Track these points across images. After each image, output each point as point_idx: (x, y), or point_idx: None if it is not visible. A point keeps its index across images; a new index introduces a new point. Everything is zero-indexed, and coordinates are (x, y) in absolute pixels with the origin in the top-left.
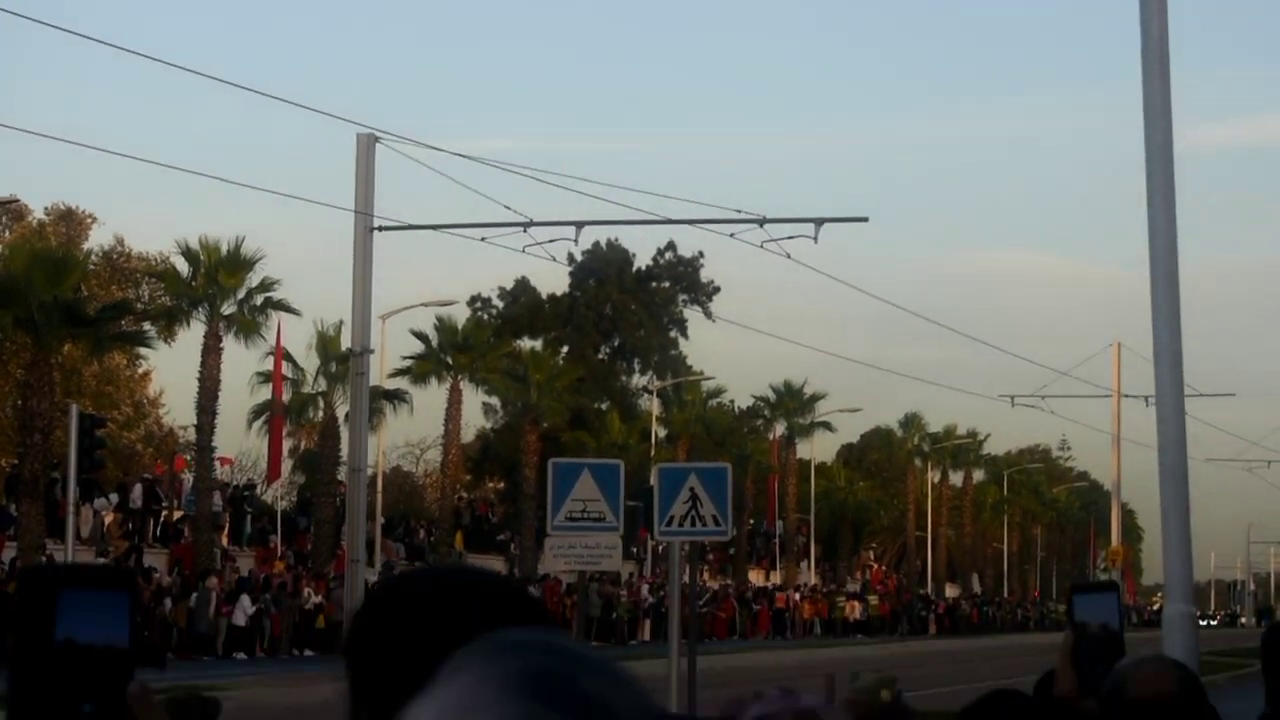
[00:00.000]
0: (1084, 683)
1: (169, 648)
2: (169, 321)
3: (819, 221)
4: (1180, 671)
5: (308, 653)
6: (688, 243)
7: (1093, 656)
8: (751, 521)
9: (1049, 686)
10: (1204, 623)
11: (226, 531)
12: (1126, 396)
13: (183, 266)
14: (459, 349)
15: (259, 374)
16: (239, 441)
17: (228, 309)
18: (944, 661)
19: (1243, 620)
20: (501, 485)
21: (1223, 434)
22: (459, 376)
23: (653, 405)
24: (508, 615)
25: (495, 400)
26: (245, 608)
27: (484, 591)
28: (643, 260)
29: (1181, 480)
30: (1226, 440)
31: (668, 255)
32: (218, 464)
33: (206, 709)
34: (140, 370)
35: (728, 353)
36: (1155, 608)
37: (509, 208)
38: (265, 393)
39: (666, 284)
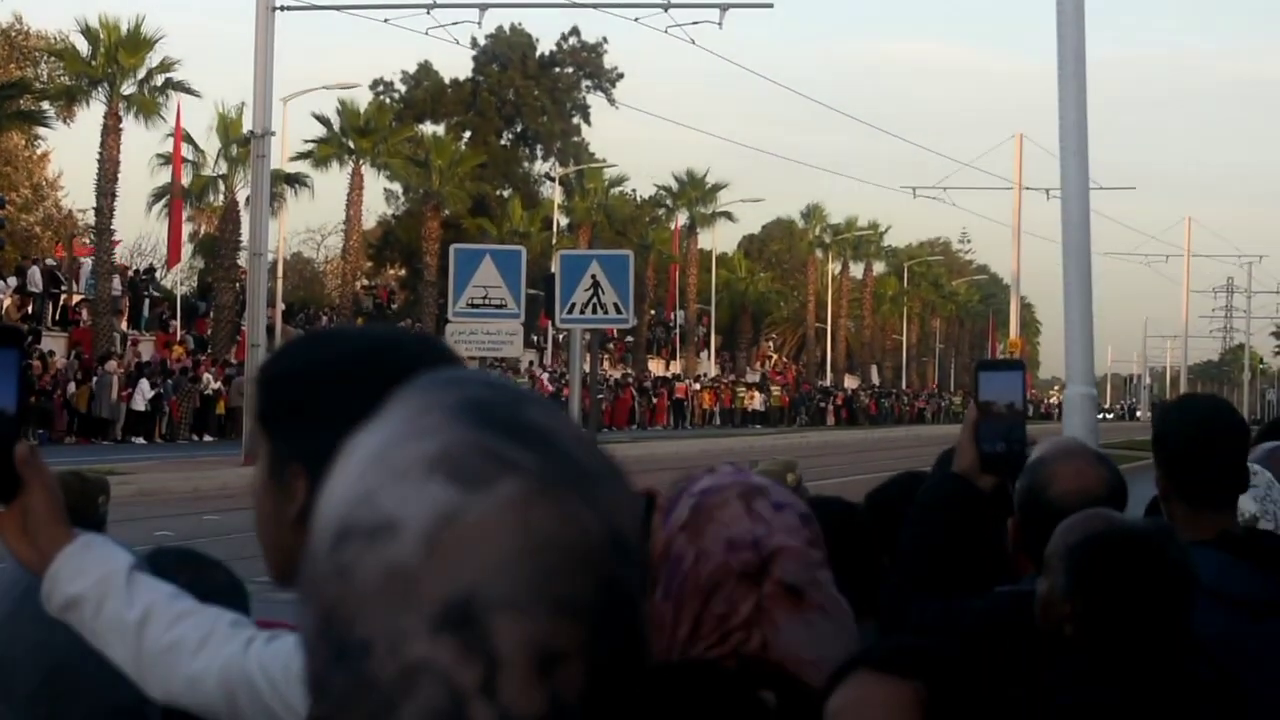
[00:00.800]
0: (984, 459)
1: (70, 431)
2: (68, 101)
3: (724, 7)
4: (1105, 469)
5: (207, 438)
6: (592, 28)
7: (993, 434)
8: (652, 311)
9: (948, 462)
10: (1101, 416)
11: (126, 316)
12: (1028, 189)
13: (82, 45)
14: (361, 133)
15: (159, 156)
16: (139, 225)
17: (128, 89)
18: (842, 451)
19: (1139, 414)
20: (403, 272)
21: (1123, 227)
22: (360, 161)
23: (555, 193)
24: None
25: (397, 186)
26: (144, 392)
27: (409, 343)
28: (546, 45)
29: (1084, 260)
30: (1126, 234)
31: (571, 40)
32: (116, 247)
33: (87, 489)
34: (39, 151)
35: (631, 141)
36: (1054, 400)
37: None
38: (165, 175)
39: (570, 70)
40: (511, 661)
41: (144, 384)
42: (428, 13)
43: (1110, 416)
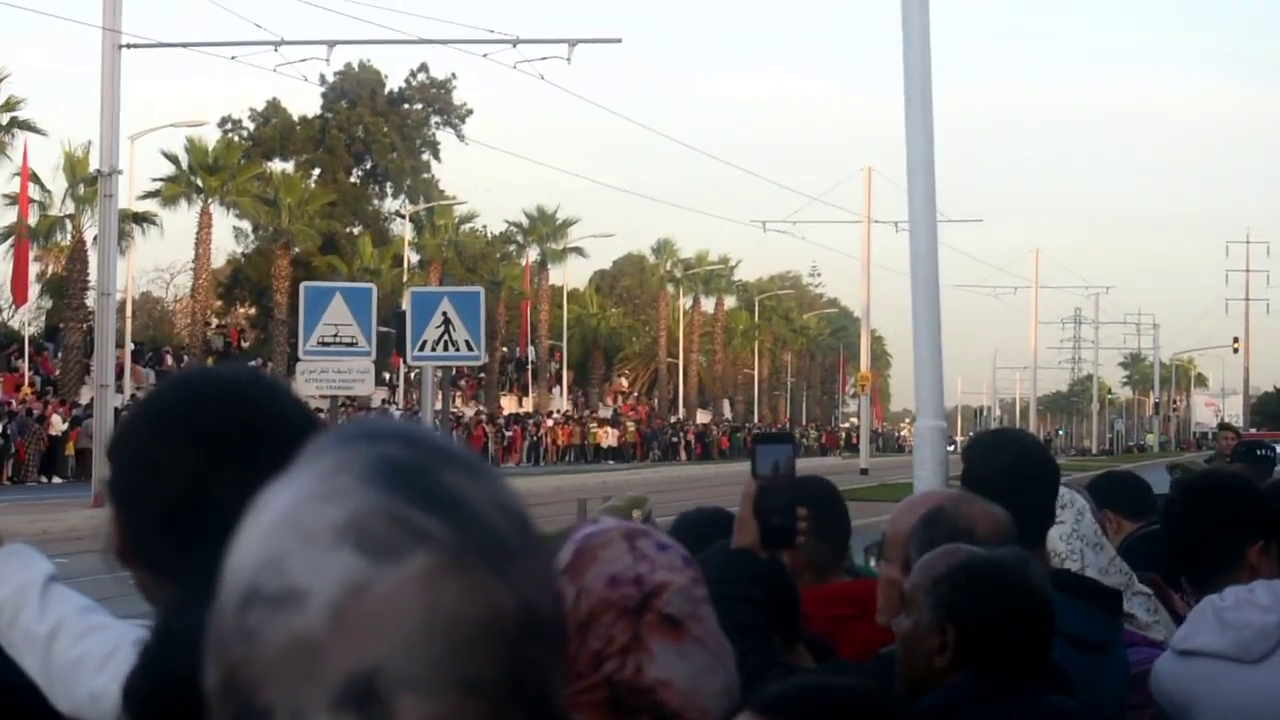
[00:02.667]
0: (766, 533)
1: None
2: None
3: (572, 42)
4: (994, 506)
5: (55, 480)
6: (441, 64)
7: (773, 507)
8: (504, 349)
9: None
10: (951, 448)
11: None
12: (877, 222)
13: None
14: (209, 171)
15: (4, 196)
16: None
17: None
18: (695, 486)
19: None
20: (253, 311)
21: (971, 259)
22: (209, 199)
23: (405, 230)
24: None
25: (246, 224)
26: None
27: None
28: (395, 82)
29: (933, 292)
30: (975, 266)
31: (420, 77)
32: None
33: None
34: None
35: (481, 177)
36: (905, 433)
37: (259, 25)
38: (11, 215)
39: (419, 106)
40: None
41: None
42: (275, 50)
43: (953, 450)
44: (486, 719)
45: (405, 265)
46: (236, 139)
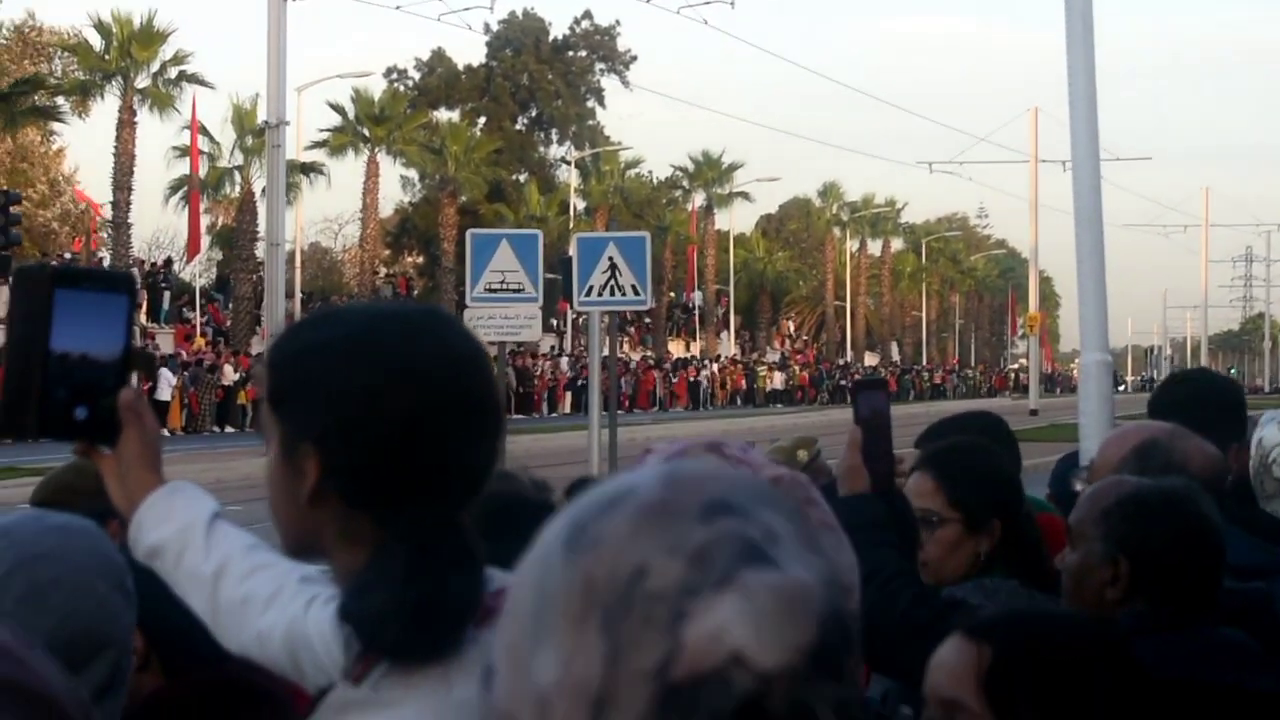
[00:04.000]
0: (875, 478)
1: None
2: (83, 96)
3: None
4: (1207, 444)
5: (229, 429)
6: (605, 11)
7: (877, 452)
8: (671, 294)
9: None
10: (1120, 388)
11: (145, 309)
12: (1044, 162)
13: (95, 40)
14: (375, 121)
15: (175, 149)
16: (156, 217)
17: (142, 83)
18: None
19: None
20: (420, 259)
21: (1140, 199)
22: (376, 149)
23: (571, 176)
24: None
25: (413, 173)
26: (169, 381)
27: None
28: (559, 29)
29: (1096, 225)
30: (1144, 205)
31: (584, 24)
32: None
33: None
34: (55, 147)
35: (646, 123)
36: (1075, 373)
37: None
38: (181, 168)
39: (583, 53)
40: None
41: (166, 373)
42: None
43: (1123, 389)
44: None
45: (571, 212)
46: (402, 89)
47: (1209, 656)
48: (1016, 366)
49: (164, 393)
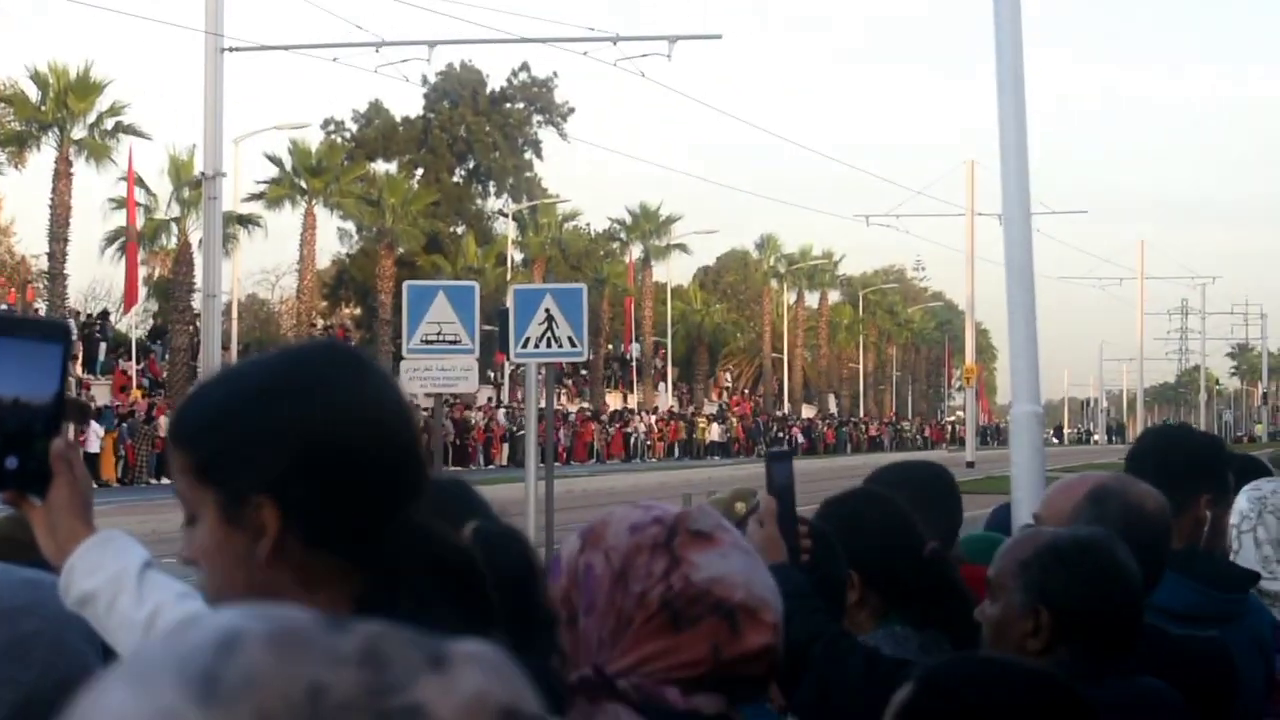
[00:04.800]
0: (791, 548)
1: None
2: (19, 147)
3: (672, 39)
4: (1150, 486)
5: (165, 480)
6: (542, 63)
7: (791, 521)
8: (608, 345)
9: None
10: (1057, 440)
11: (81, 360)
12: (980, 215)
13: (32, 91)
14: (313, 172)
15: (111, 200)
16: (92, 268)
17: (78, 134)
18: (801, 480)
19: (1096, 438)
20: (358, 311)
21: (1076, 251)
22: (313, 200)
23: (508, 229)
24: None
25: (350, 225)
26: (97, 433)
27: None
28: (496, 82)
29: (1027, 275)
30: (1080, 258)
31: (521, 76)
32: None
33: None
34: None
35: (584, 175)
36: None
37: (360, 27)
38: (118, 219)
39: (521, 105)
40: None
41: (95, 426)
42: (376, 51)
43: (1056, 441)
44: None
45: (509, 264)
46: (339, 140)
47: (1133, 705)
48: (954, 418)
49: (93, 444)
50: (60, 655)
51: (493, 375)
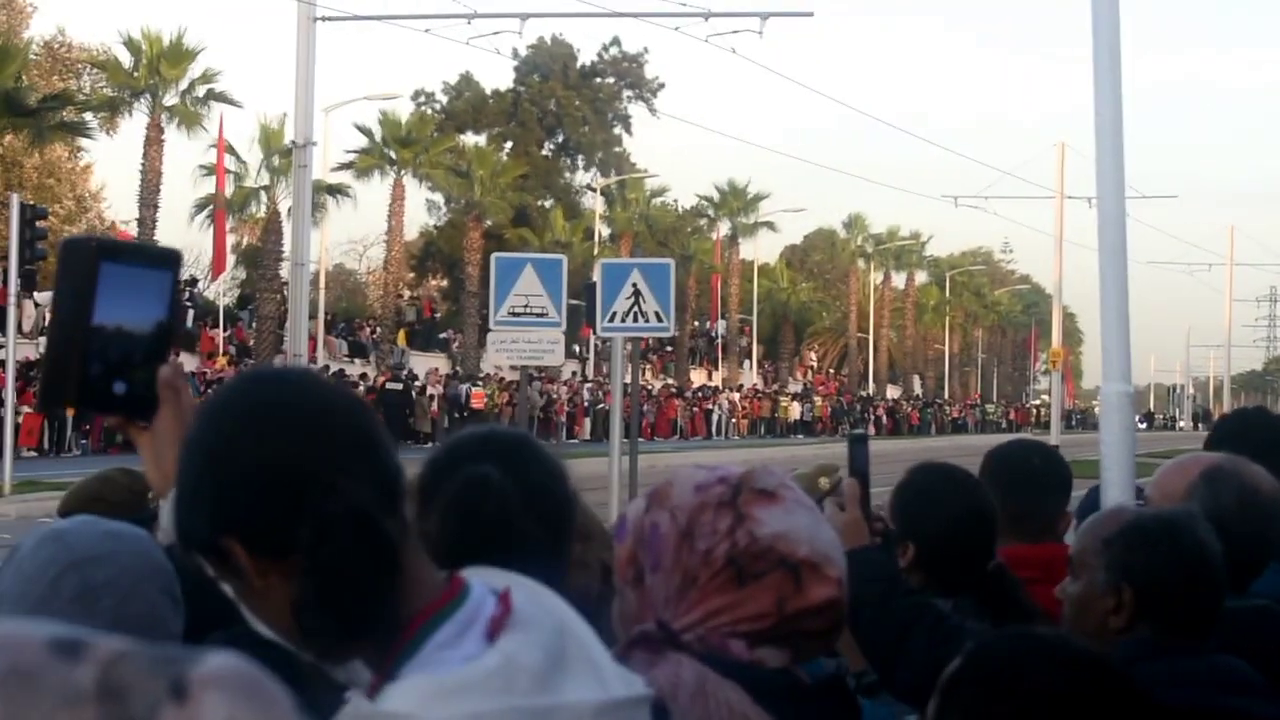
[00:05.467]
0: (874, 531)
1: (111, 442)
2: (111, 113)
3: (764, 15)
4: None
5: None
6: (633, 38)
7: (866, 505)
8: (694, 322)
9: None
10: (1141, 425)
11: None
12: (1069, 198)
13: (124, 57)
14: (402, 143)
15: (201, 167)
16: (181, 236)
17: (170, 100)
18: (885, 461)
19: (1181, 424)
20: (444, 283)
21: (1165, 236)
22: (402, 171)
23: (596, 203)
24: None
25: (438, 197)
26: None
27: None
28: (587, 56)
29: (1120, 254)
30: (1169, 243)
31: (612, 51)
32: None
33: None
34: (82, 163)
35: (673, 151)
36: (1098, 409)
37: None
38: (208, 186)
39: (611, 80)
40: None
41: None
42: (468, 23)
43: (1143, 426)
44: None
45: (596, 238)
46: (429, 112)
47: (1213, 682)
48: (1038, 402)
49: None
50: (130, 605)
51: (578, 349)
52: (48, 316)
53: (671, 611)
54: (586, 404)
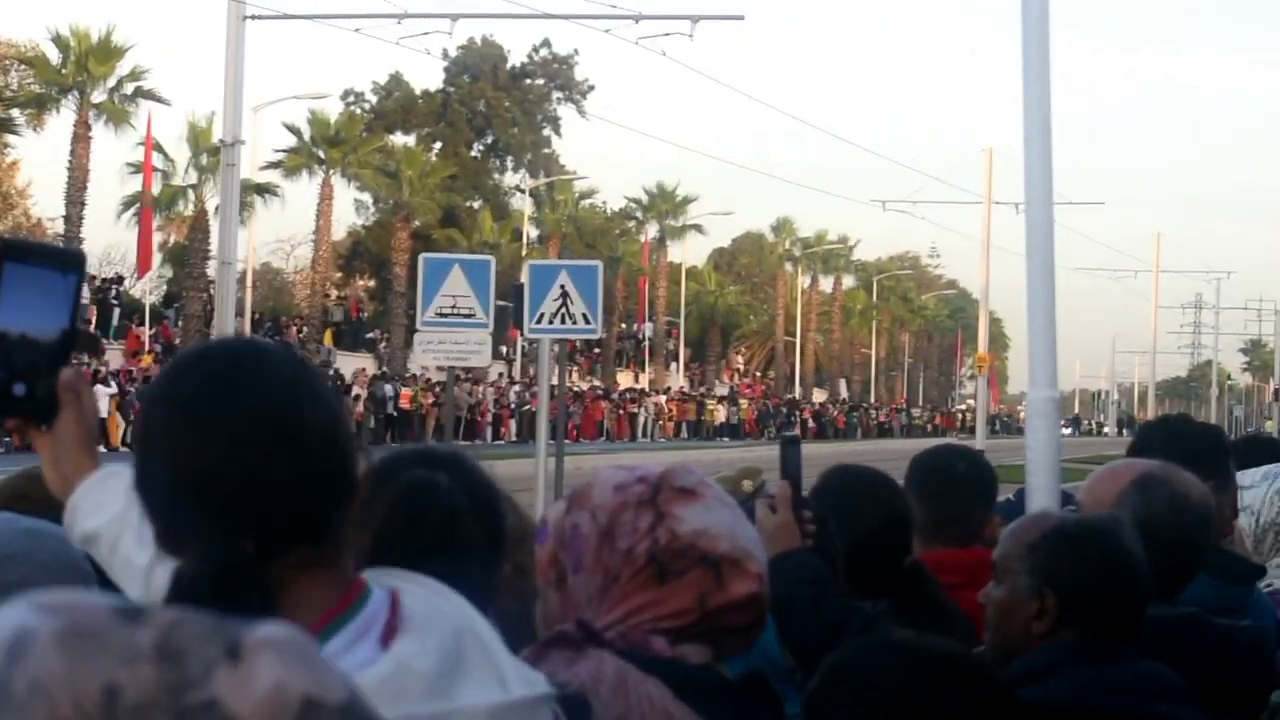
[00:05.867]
0: (804, 534)
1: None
2: (38, 109)
3: (695, 19)
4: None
5: None
6: (563, 39)
7: (798, 507)
8: (622, 325)
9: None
10: (1067, 430)
11: (94, 324)
12: (997, 203)
13: (53, 54)
14: (331, 143)
15: (129, 164)
16: (108, 233)
17: (98, 97)
18: (810, 464)
19: (1106, 430)
20: (372, 283)
21: (1092, 243)
22: (330, 171)
23: (525, 204)
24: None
25: (367, 197)
26: (106, 394)
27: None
28: (517, 57)
29: (1048, 257)
30: (1095, 250)
31: (543, 52)
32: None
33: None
34: (8, 160)
35: (602, 153)
36: (1022, 415)
37: None
38: (135, 184)
39: (541, 81)
40: None
41: (99, 389)
42: (398, 23)
43: (1069, 432)
44: None
45: (524, 240)
46: (358, 111)
47: (1137, 689)
48: (964, 407)
49: (102, 408)
50: None
51: (505, 351)
52: None
53: (594, 611)
54: (513, 405)
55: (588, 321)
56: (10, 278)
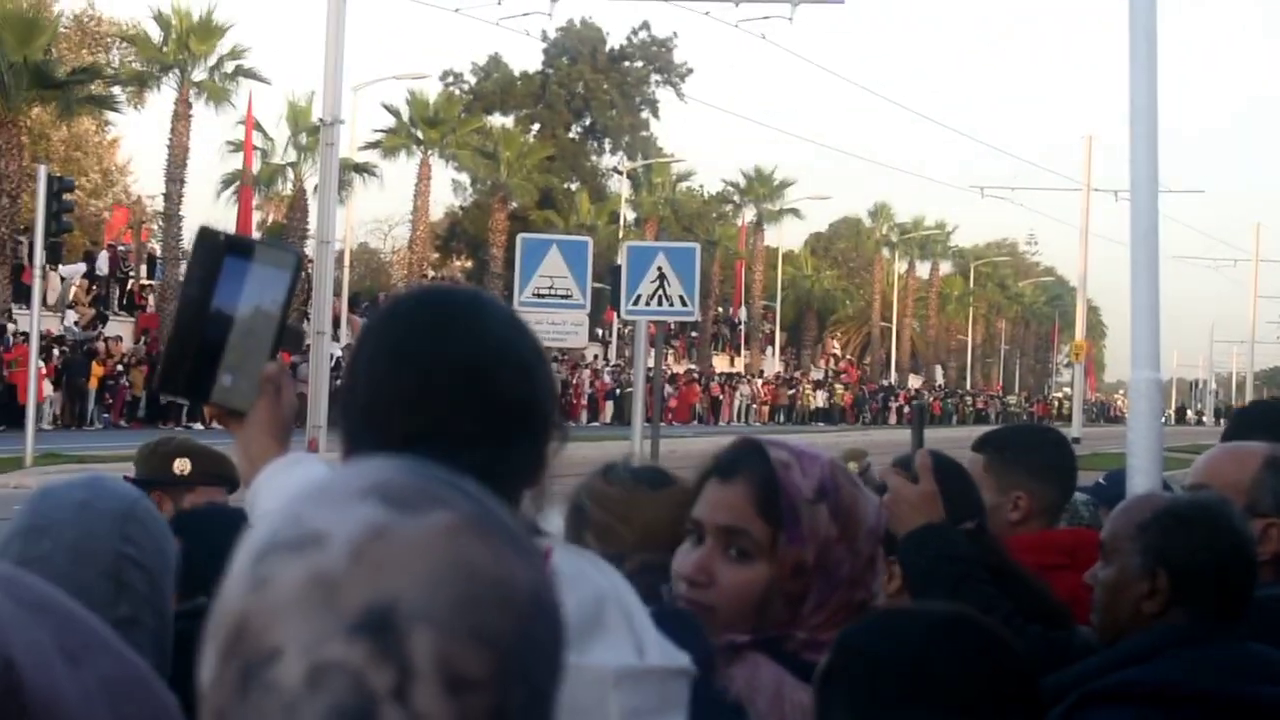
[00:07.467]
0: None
1: (130, 417)
2: (139, 87)
3: (795, 2)
4: None
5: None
6: (662, 22)
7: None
8: (718, 308)
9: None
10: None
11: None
12: (1096, 190)
13: (154, 32)
14: (429, 123)
15: (229, 143)
16: (207, 211)
17: (198, 76)
18: (904, 450)
19: (1204, 419)
20: (468, 264)
21: (1191, 231)
22: (429, 151)
23: (622, 187)
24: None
25: (464, 177)
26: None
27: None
28: (616, 39)
29: (1152, 240)
30: (1194, 238)
31: (641, 35)
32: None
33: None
34: (109, 137)
35: (700, 136)
36: (1120, 404)
37: None
38: (235, 162)
39: (639, 64)
40: (425, 673)
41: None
42: (498, 4)
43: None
44: (492, 672)
45: (621, 222)
46: (457, 92)
47: (1245, 670)
48: (1060, 394)
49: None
50: (62, 585)
51: (601, 333)
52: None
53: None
54: (609, 387)
55: (685, 304)
56: (229, 272)
